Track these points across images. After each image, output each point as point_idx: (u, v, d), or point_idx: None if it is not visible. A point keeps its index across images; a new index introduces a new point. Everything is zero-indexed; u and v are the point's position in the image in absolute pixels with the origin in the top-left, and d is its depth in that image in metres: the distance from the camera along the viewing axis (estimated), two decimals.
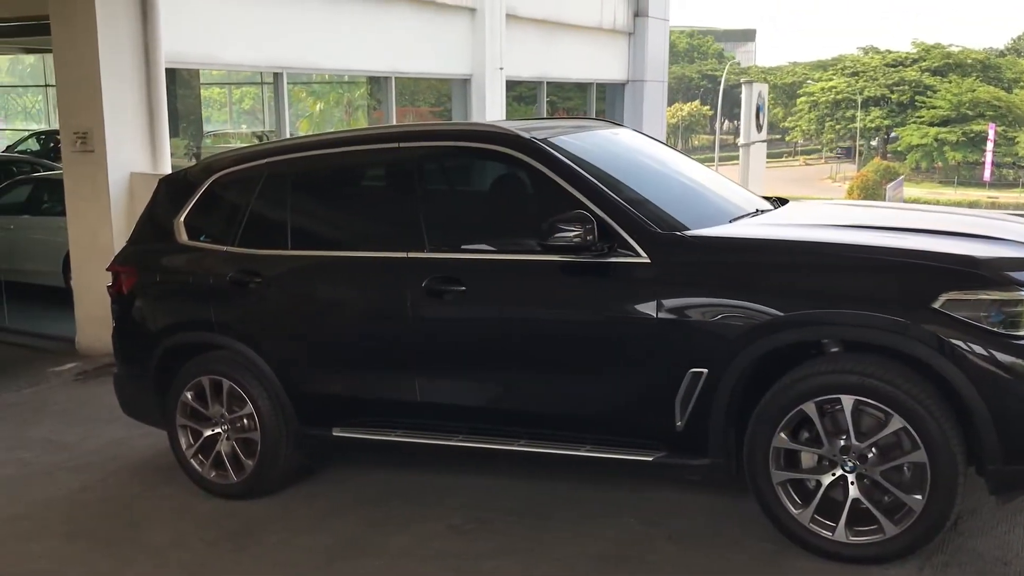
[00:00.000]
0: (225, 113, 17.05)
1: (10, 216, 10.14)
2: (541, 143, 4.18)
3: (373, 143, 4.62)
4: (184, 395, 4.81)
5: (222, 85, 15.97)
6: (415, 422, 4.37)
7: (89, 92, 7.52)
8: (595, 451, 4.00)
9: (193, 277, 4.82)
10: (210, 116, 15.54)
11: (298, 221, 4.67)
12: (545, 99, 15.05)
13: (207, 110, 14.95)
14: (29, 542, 4.47)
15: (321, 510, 4.62)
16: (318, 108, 15.71)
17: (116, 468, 5.37)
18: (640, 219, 3.94)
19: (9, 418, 6.43)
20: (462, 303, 4.15)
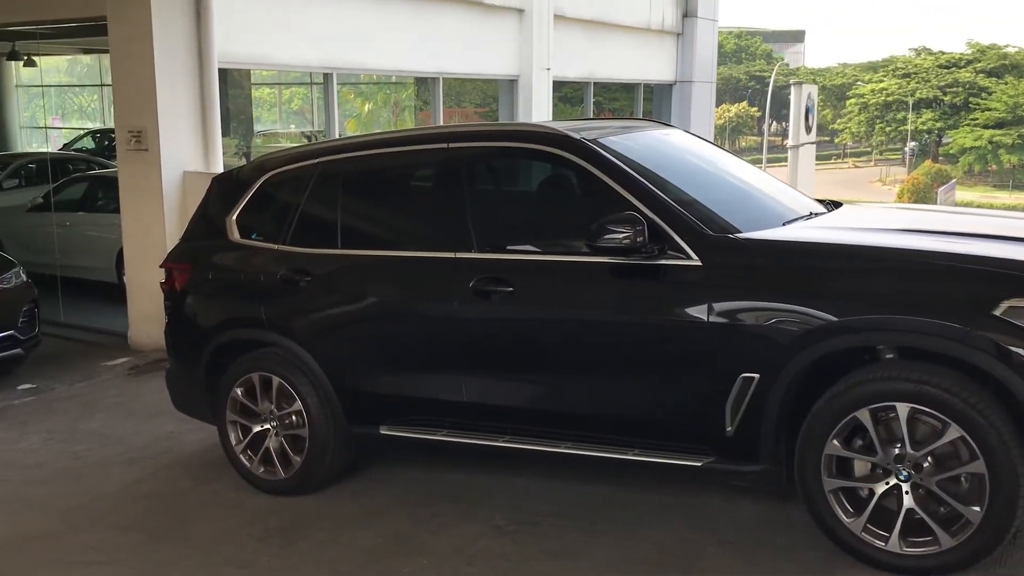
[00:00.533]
0: (275, 113, 17.24)
1: (66, 213, 10.34)
2: (591, 143, 4.16)
3: (422, 143, 4.63)
4: (234, 391, 4.86)
5: (272, 85, 16.16)
6: (461, 422, 4.37)
7: (144, 92, 7.65)
8: (643, 455, 3.97)
9: (244, 275, 4.87)
10: (260, 116, 15.72)
11: (347, 220, 4.70)
12: (592, 100, 15.00)
13: (257, 110, 15.12)
14: (82, 534, 4.55)
15: (367, 508, 4.65)
16: (366, 108, 15.83)
17: (167, 462, 5.45)
18: (691, 221, 3.90)
19: (63, 411, 6.56)
20: (509, 304, 4.14)
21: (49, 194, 10.69)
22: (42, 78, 20.49)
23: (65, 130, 22.96)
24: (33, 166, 13.35)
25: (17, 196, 11.96)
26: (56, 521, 4.69)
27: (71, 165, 13.32)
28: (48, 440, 5.95)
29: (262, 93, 16.04)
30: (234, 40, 8.35)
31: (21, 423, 6.31)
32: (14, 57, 17.10)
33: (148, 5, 7.45)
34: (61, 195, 10.67)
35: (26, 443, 5.91)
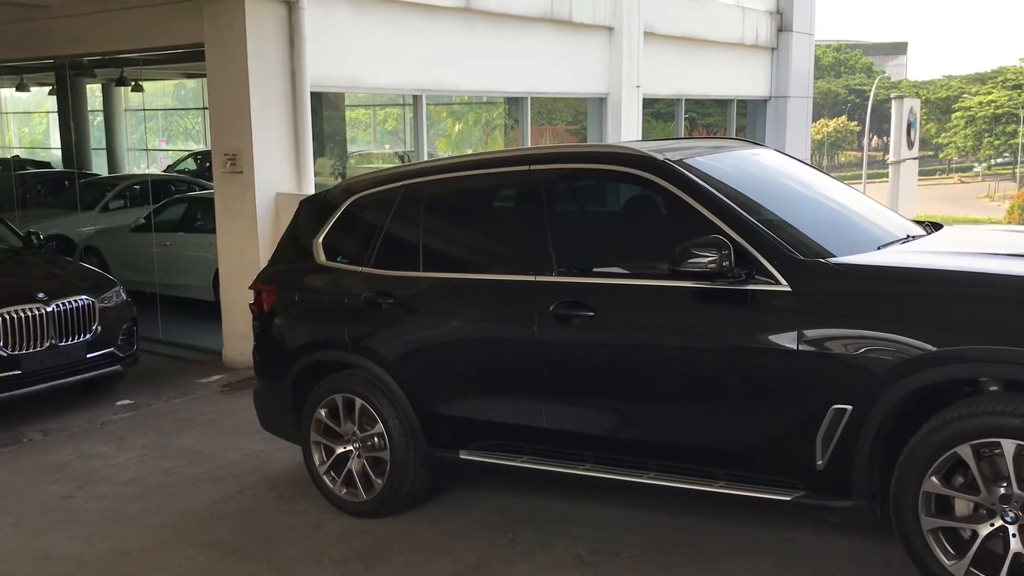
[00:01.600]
0: (369, 134, 17.55)
1: (166, 233, 10.70)
2: (675, 164, 4.06)
3: (504, 166, 4.61)
4: (318, 412, 4.90)
5: (367, 107, 16.45)
6: (541, 448, 4.30)
7: (239, 115, 7.85)
8: (729, 487, 3.83)
9: (329, 297, 4.91)
10: (355, 137, 16.01)
11: (429, 243, 4.70)
12: (683, 116, 14.79)
13: (352, 131, 15.40)
14: (168, 551, 4.63)
15: (447, 532, 4.61)
16: (456, 128, 15.97)
17: (254, 481, 5.53)
18: (780, 245, 3.76)
19: (159, 427, 6.74)
20: (590, 329, 4.06)
21: (151, 215, 11.08)
22: (148, 102, 21.33)
23: (170, 152, 23.84)
24: (137, 187, 13.87)
25: (122, 216, 12.45)
26: (145, 538, 4.80)
27: (173, 186, 13.80)
28: (143, 456, 6.11)
29: (357, 114, 16.35)
30: (325, 63, 8.50)
31: (119, 438, 6.51)
32: (122, 83, 17.84)
33: (243, 32, 7.65)
34: (162, 216, 11.04)
35: (122, 458, 6.09)
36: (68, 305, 6.99)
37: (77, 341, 7.04)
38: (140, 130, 23.35)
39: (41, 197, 14.28)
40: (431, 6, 9.69)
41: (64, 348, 6.96)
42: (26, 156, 19.84)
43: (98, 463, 6.01)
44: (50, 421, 6.88)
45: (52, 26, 9.42)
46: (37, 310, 6.79)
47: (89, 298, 7.16)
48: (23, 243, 8.17)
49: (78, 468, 5.93)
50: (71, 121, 18.51)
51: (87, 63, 14.68)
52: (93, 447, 6.33)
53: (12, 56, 10.72)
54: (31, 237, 8.27)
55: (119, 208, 13.09)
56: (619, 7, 12.26)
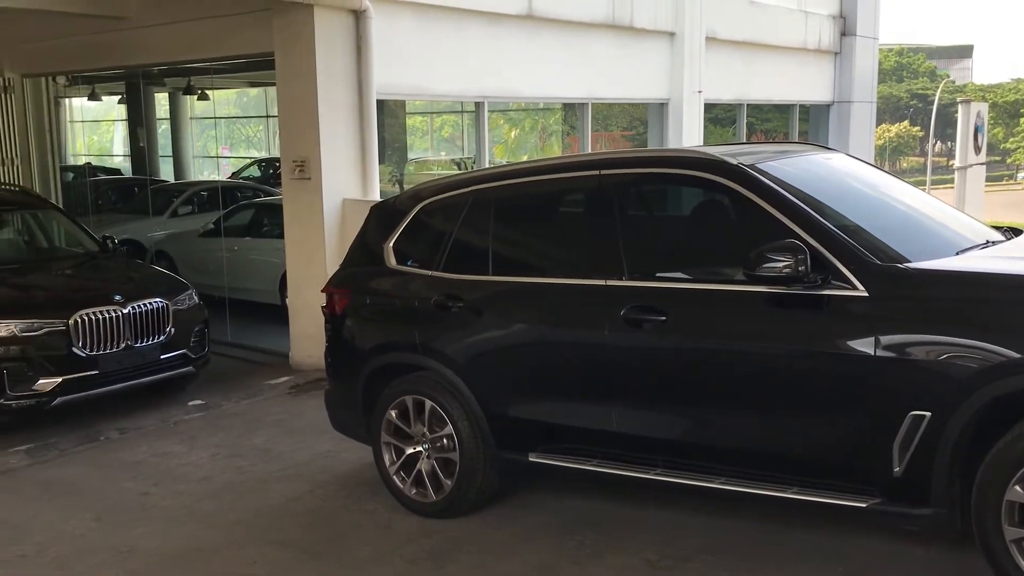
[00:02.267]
0: (426, 141, 17.72)
1: (234, 238, 10.93)
2: (749, 169, 4.05)
3: (574, 171, 4.63)
4: (389, 413, 4.97)
5: (424, 114, 16.61)
6: (611, 452, 4.31)
7: (308, 123, 8.00)
8: (802, 493, 3.80)
9: (400, 300, 4.99)
10: (413, 144, 16.18)
11: (499, 247, 4.75)
12: (744, 121, 14.67)
13: (410, 138, 15.57)
14: (245, 547, 4.74)
15: (515, 534, 4.65)
16: (513, 134, 16.05)
17: (324, 480, 5.63)
18: (857, 249, 3.73)
19: (229, 427, 6.88)
20: (662, 333, 4.07)
21: (219, 220, 11.32)
22: (213, 111, 21.81)
23: (233, 159, 24.32)
24: (205, 193, 14.18)
25: (190, 221, 12.73)
26: (221, 534, 4.91)
27: (239, 192, 14.07)
28: (215, 455, 6.25)
29: (415, 121, 16.53)
30: (390, 71, 8.62)
31: (191, 438, 6.66)
32: (189, 91, 18.26)
33: (312, 41, 7.80)
34: (230, 221, 11.27)
35: (195, 457, 6.23)
36: (143, 307, 7.17)
37: (152, 342, 7.22)
38: (204, 138, 23.88)
39: (112, 203, 14.67)
40: (493, 13, 9.77)
41: (139, 349, 7.14)
42: (96, 163, 20.38)
43: (172, 461, 6.16)
44: (125, 420, 7.06)
45: (127, 37, 9.69)
46: (114, 312, 6.99)
47: (163, 300, 7.34)
48: (99, 247, 8.41)
49: (153, 466, 6.09)
50: (140, 129, 19.01)
51: (157, 72, 15.09)
52: (167, 445, 6.49)
53: (88, 67, 11.06)
54: (107, 241, 8.51)
55: (188, 213, 13.38)
56: (681, 12, 12.23)
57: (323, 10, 7.78)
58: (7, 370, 6.57)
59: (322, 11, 7.78)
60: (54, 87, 11.37)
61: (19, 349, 6.64)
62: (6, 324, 6.64)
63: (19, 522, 5.18)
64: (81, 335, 6.81)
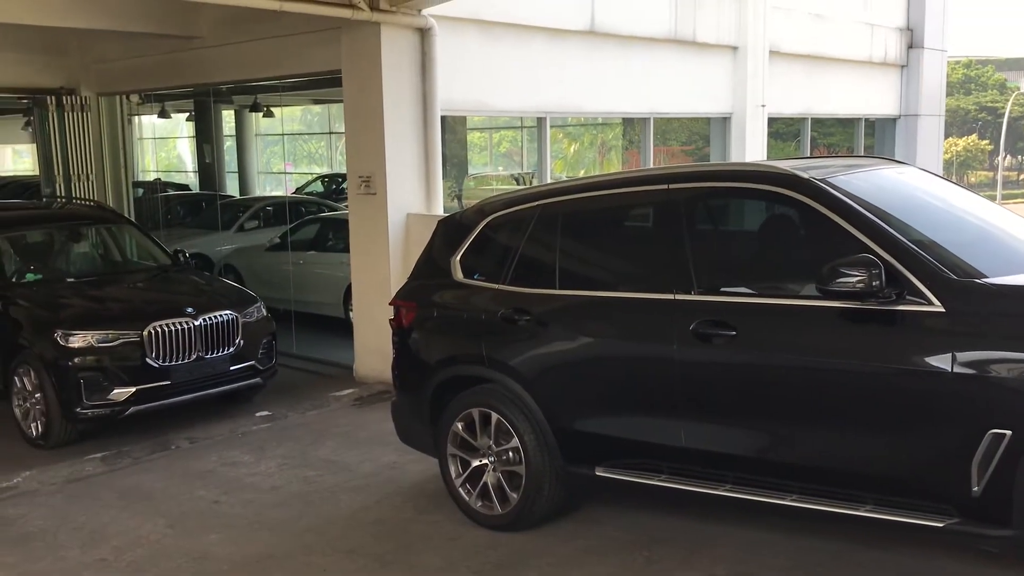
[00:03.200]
0: (485, 156, 17.85)
1: (300, 252, 11.13)
2: (820, 183, 4.01)
3: (642, 185, 4.63)
4: (455, 425, 5.01)
5: (483, 130, 16.75)
6: (679, 467, 4.29)
7: (373, 140, 8.12)
8: (876, 512, 3.74)
9: (467, 313, 5.03)
10: (472, 159, 16.31)
11: (566, 261, 4.77)
12: (808, 136, 14.51)
13: (469, 153, 15.70)
14: (314, 555, 4.81)
15: (582, 549, 4.64)
16: (572, 149, 16.08)
17: (391, 491, 5.69)
18: (933, 264, 3.67)
19: (296, 438, 7.00)
20: (732, 348, 4.04)
21: (286, 234, 11.53)
22: (277, 127, 22.25)
23: (296, 175, 24.78)
24: (271, 208, 14.46)
25: (257, 236, 12.99)
26: (292, 542, 4.99)
27: (303, 208, 14.32)
28: (283, 465, 6.36)
29: (474, 137, 16.67)
30: (455, 88, 8.72)
31: (259, 447, 6.79)
32: (256, 108, 18.68)
33: (379, 59, 7.93)
34: (296, 236, 11.48)
35: (263, 467, 6.34)
36: (214, 319, 7.33)
37: (222, 354, 7.37)
38: (268, 154, 24.37)
39: (181, 217, 15.03)
40: (556, 29, 9.83)
41: (210, 360, 7.30)
42: (167, 179, 20.92)
43: (241, 470, 6.28)
44: (196, 429, 7.22)
45: (198, 56, 9.97)
46: (186, 324, 7.16)
47: (233, 313, 7.49)
48: (172, 260, 8.63)
49: (223, 475, 6.21)
50: (208, 145, 19.47)
51: (225, 90, 15.45)
52: (236, 455, 6.61)
53: (160, 85, 11.37)
54: (178, 255, 8.72)
55: (254, 228, 13.66)
56: (744, 26, 12.17)
57: (389, 28, 7.91)
58: (84, 380, 6.77)
59: (388, 29, 7.90)
60: (127, 105, 11.71)
61: (95, 360, 6.84)
62: (83, 335, 6.85)
63: (97, 527, 5.33)
64: (154, 346, 6.99)
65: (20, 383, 7.06)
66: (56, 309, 7.12)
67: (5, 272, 7.60)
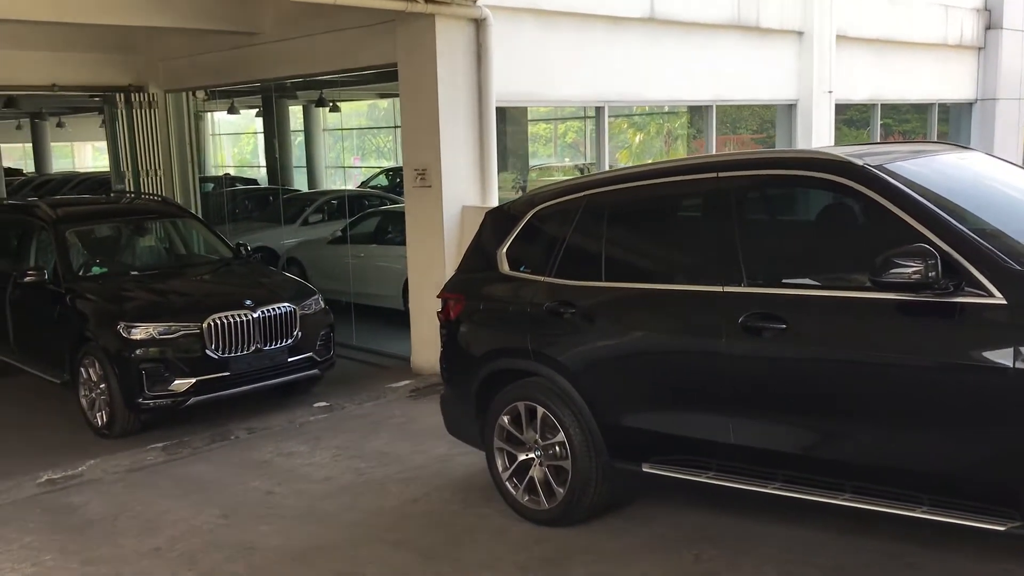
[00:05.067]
0: (550, 147, 17.75)
1: (360, 245, 11.21)
2: (875, 169, 3.84)
3: (690, 174, 4.51)
4: (501, 419, 4.96)
5: (548, 121, 16.65)
6: (728, 464, 4.17)
7: (428, 131, 8.11)
8: (933, 513, 3.57)
9: (513, 306, 4.97)
10: (536, 150, 16.23)
11: (612, 253, 4.67)
12: (879, 122, 14.07)
13: (534, 145, 15.62)
14: (361, 547, 4.82)
15: (628, 546, 4.56)
16: (637, 139, 15.89)
17: (440, 484, 5.67)
18: (993, 254, 3.48)
19: (352, 429, 7.04)
20: (782, 342, 3.90)
21: (346, 227, 11.64)
22: (344, 122, 22.50)
23: (363, 169, 25.03)
24: (335, 202, 14.62)
25: (320, 229, 13.14)
26: (340, 534, 5.01)
27: (366, 201, 14.44)
28: (337, 456, 6.40)
29: (538, 128, 16.58)
30: (510, 78, 8.66)
31: (315, 438, 6.84)
32: (321, 103, 18.88)
33: (434, 50, 7.91)
34: (357, 229, 11.57)
35: (318, 457, 6.39)
36: (272, 312, 7.42)
37: (280, 346, 7.46)
38: (337, 148, 24.67)
39: (248, 211, 15.30)
40: (616, 17, 9.69)
41: (268, 352, 7.39)
42: (236, 174, 21.32)
43: (297, 461, 6.34)
44: (254, 420, 7.31)
45: (260, 52, 10.10)
46: (244, 316, 7.25)
47: (291, 305, 7.57)
48: (233, 253, 8.76)
49: (279, 465, 6.28)
50: (275, 140, 19.76)
51: (290, 85, 15.65)
52: (292, 446, 6.68)
53: (224, 81, 11.56)
54: (240, 248, 8.85)
55: (318, 222, 13.82)
56: (810, 10, 11.84)
57: (444, 20, 7.88)
58: (145, 371, 6.92)
59: (443, 20, 7.88)
60: (193, 101, 11.93)
61: (156, 351, 6.98)
62: (145, 327, 6.99)
63: (153, 516, 5.43)
64: (214, 338, 7.10)
65: (86, 374, 7.25)
66: (119, 302, 7.28)
67: (72, 266, 7.79)
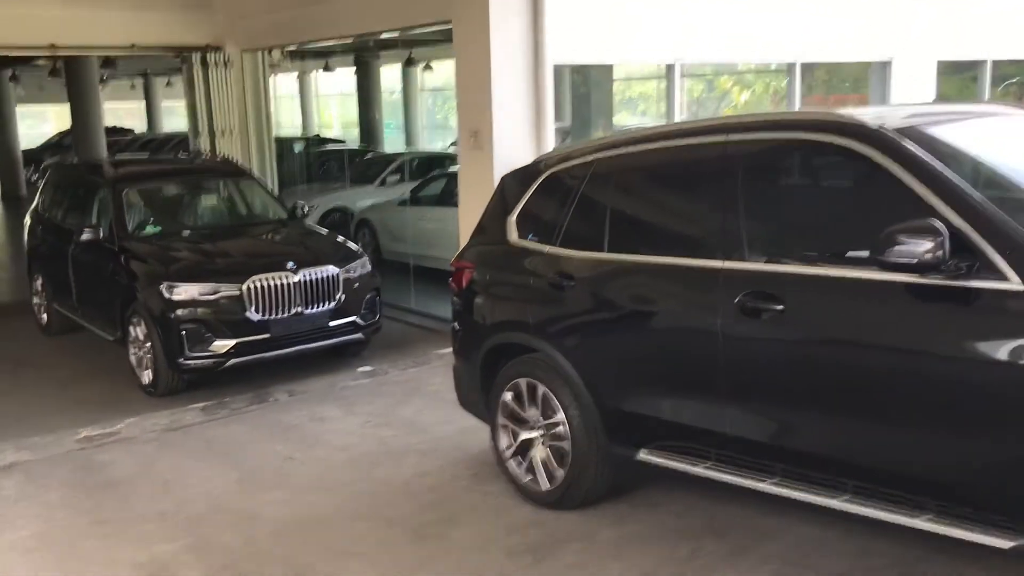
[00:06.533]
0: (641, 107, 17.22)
1: (426, 207, 11.10)
2: (893, 135, 3.39)
3: (700, 136, 4.09)
4: (504, 395, 4.74)
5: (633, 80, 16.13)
6: (725, 455, 3.83)
7: (481, 93, 7.84)
8: (936, 523, 3.18)
9: (517, 277, 4.71)
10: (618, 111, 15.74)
11: (615, 222, 4.33)
12: (988, 78, 12.97)
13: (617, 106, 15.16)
14: (357, 522, 4.69)
15: (626, 535, 4.29)
16: (742, 98, 15.25)
17: (457, 457, 5.50)
18: (1017, 233, 3.02)
19: (388, 395, 6.93)
20: (779, 325, 3.53)
21: (414, 190, 11.54)
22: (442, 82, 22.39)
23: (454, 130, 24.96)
24: (414, 163, 14.56)
25: (396, 191, 13.10)
26: (342, 506, 4.89)
27: (449, 161, 14.31)
28: (365, 423, 6.30)
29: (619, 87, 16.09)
30: (571, 37, 8.30)
31: (350, 404, 6.77)
32: (410, 63, 18.82)
33: (486, 7, 7.61)
34: (424, 191, 11.46)
35: (347, 424, 6.31)
36: (314, 275, 7.37)
37: (321, 309, 7.41)
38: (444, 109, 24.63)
39: (329, 172, 15.40)
40: None
41: (309, 315, 7.36)
42: (329, 135, 21.54)
43: (325, 427, 6.28)
44: (297, 382, 7.30)
45: (328, 11, 9.98)
46: (285, 279, 7.22)
47: (335, 268, 7.50)
48: (288, 215, 8.74)
49: (306, 430, 6.22)
50: (365, 101, 19.85)
51: (372, 45, 15.62)
52: (326, 410, 6.63)
53: (294, 40, 11.50)
54: (295, 210, 8.83)
55: (395, 183, 13.78)
56: None
57: None
58: (186, 331, 6.97)
59: None
60: (268, 60, 11.95)
61: (197, 312, 7.03)
62: (187, 288, 7.05)
63: (172, 478, 5.45)
64: (254, 300, 7.10)
65: (134, 332, 7.37)
66: (165, 262, 7.35)
67: (127, 224, 7.91)
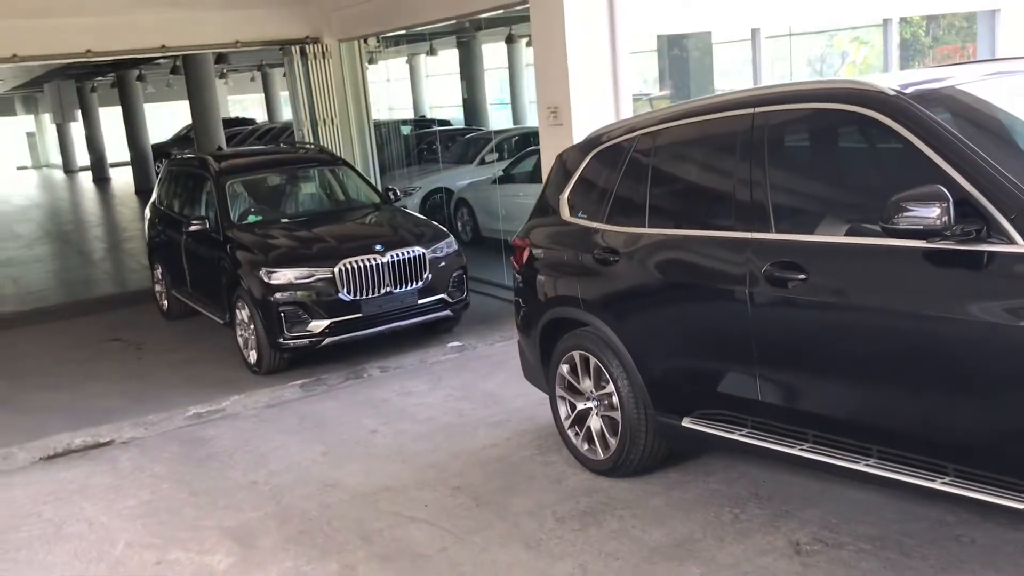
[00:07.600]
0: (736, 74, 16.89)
1: (519, 184, 11.29)
2: (908, 101, 3.38)
3: (729, 110, 4.13)
4: (561, 367, 4.92)
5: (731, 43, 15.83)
6: (759, 422, 3.91)
7: (558, 69, 7.94)
8: (953, 485, 3.19)
9: (568, 254, 4.87)
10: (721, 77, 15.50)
11: (654, 197, 4.43)
12: None
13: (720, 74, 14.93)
14: (424, 490, 4.98)
15: (674, 502, 4.42)
16: (862, 55, 14.83)
17: (526, 428, 5.72)
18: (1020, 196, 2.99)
19: (474, 370, 7.21)
20: (803, 293, 3.57)
21: (508, 167, 11.74)
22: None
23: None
24: (515, 140, 14.76)
25: (494, 169, 13.34)
26: (413, 475, 5.19)
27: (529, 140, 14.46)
28: (448, 396, 6.60)
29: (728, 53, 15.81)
30: (650, 6, 8.30)
31: (438, 378, 7.09)
32: (511, 40, 18.96)
33: None
34: (517, 168, 11.65)
35: (431, 398, 6.62)
36: (402, 255, 7.71)
37: (410, 288, 7.75)
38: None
39: (433, 154, 15.77)
40: None
41: (398, 294, 7.70)
42: (435, 116, 21.97)
43: (411, 400, 6.61)
44: (391, 359, 7.67)
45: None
46: (374, 260, 7.59)
47: (421, 249, 7.82)
48: (381, 199, 9.12)
49: (394, 404, 6.57)
50: (469, 80, 20.14)
51: (468, 26, 15.84)
52: (415, 385, 6.96)
53: (387, 27, 11.82)
54: (388, 193, 9.20)
55: (494, 161, 14.02)
56: None
57: None
58: (284, 313, 7.43)
59: None
60: (365, 48, 12.35)
61: (294, 294, 7.48)
62: (284, 272, 7.50)
63: (267, 451, 5.87)
64: (345, 282, 7.49)
65: (239, 315, 7.89)
66: (265, 249, 7.82)
67: (230, 214, 8.44)
